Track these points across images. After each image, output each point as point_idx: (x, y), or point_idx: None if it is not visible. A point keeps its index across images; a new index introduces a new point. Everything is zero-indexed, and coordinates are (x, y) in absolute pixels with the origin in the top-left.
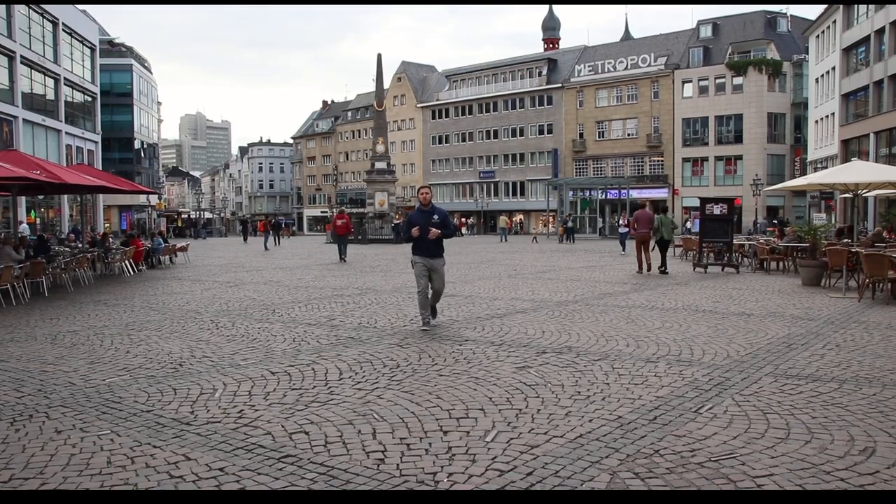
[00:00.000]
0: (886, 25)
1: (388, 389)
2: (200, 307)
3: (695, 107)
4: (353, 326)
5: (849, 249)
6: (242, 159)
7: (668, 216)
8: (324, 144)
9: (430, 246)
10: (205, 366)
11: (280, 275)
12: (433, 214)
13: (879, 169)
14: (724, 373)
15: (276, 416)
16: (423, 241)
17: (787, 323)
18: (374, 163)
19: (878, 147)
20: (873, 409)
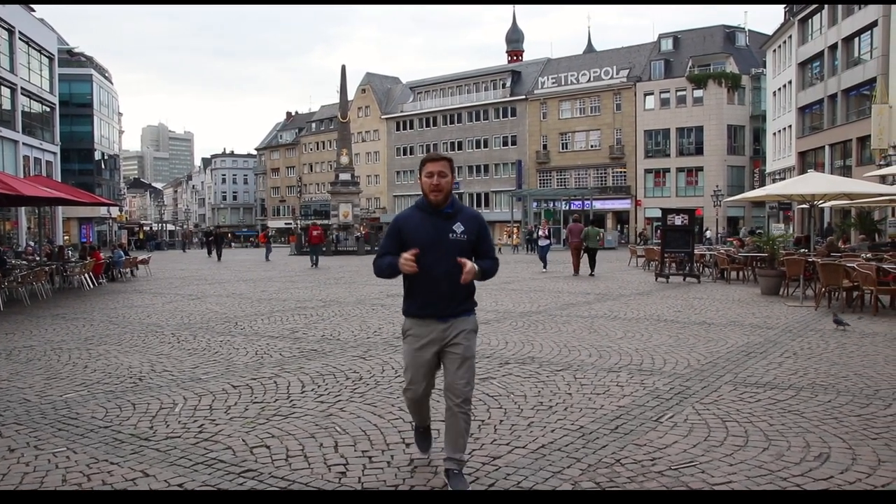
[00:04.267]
0: (839, 41)
1: (351, 402)
2: (161, 320)
3: (656, 119)
4: (316, 339)
5: (805, 259)
6: (205, 171)
7: (594, 228)
8: (288, 156)
9: (451, 294)
10: (165, 380)
11: (243, 287)
12: (455, 222)
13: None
14: (684, 382)
15: (237, 431)
16: (435, 286)
17: (746, 332)
18: (338, 174)
19: (833, 159)
20: (828, 416)
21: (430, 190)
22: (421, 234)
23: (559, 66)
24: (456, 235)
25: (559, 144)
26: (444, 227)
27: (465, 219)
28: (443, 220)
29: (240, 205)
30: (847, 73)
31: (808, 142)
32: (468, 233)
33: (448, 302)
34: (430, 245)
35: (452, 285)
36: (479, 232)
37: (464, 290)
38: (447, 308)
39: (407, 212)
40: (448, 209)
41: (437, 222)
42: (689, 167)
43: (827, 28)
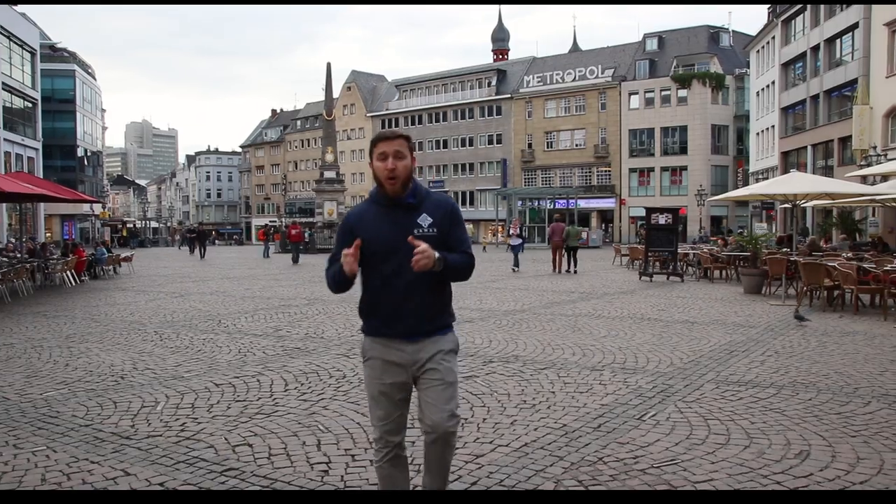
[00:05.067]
0: (821, 43)
1: (334, 400)
2: (144, 318)
3: (641, 118)
4: (299, 337)
5: (787, 258)
6: (189, 168)
7: (574, 227)
8: (272, 153)
9: (421, 307)
10: (147, 378)
11: (227, 285)
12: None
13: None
14: (667, 380)
15: (220, 429)
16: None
17: (728, 330)
18: (323, 172)
19: (815, 159)
20: (809, 414)
21: (384, 177)
22: (379, 233)
23: (544, 65)
24: (423, 230)
25: (544, 143)
26: (407, 222)
27: (432, 208)
28: (404, 214)
29: (224, 202)
30: (829, 74)
31: (790, 142)
32: (438, 225)
33: (418, 318)
34: (390, 246)
35: (423, 296)
36: (450, 220)
37: (437, 302)
38: (417, 325)
39: (360, 207)
40: (410, 198)
41: (398, 217)
42: (674, 166)
43: (809, 29)
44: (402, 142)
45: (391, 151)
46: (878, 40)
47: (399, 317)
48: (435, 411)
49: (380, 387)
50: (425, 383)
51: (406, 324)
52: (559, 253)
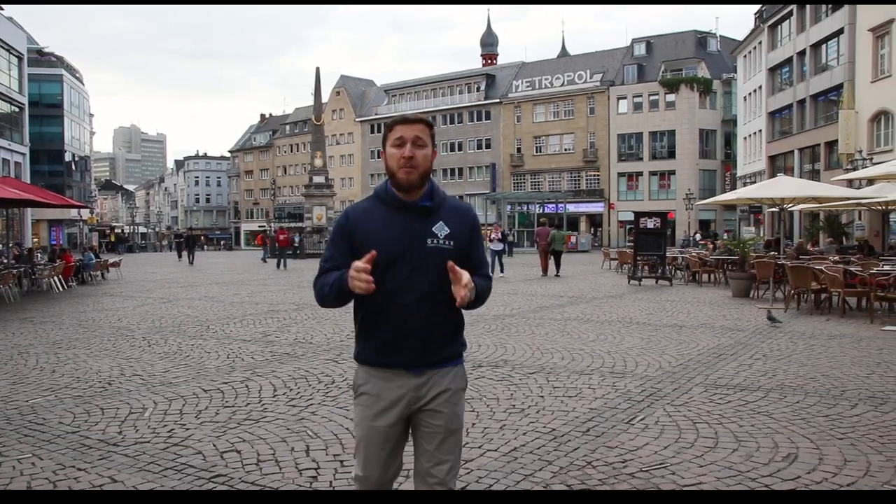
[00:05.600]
0: (807, 48)
1: (323, 406)
2: (132, 324)
3: (629, 123)
4: (288, 342)
5: (775, 262)
6: (178, 173)
7: (560, 231)
8: (261, 158)
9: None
10: (135, 384)
11: (215, 290)
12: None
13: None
14: (656, 384)
15: (208, 435)
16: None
17: (717, 334)
18: (312, 177)
19: (802, 163)
20: (796, 417)
21: (398, 166)
22: (385, 238)
23: (533, 70)
24: (437, 241)
25: (533, 148)
26: (421, 229)
27: (451, 215)
28: (418, 218)
29: (213, 207)
30: (815, 78)
31: (777, 146)
32: (455, 237)
33: (424, 344)
34: (397, 256)
35: (431, 318)
36: (470, 235)
37: (449, 325)
38: (423, 353)
39: (363, 205)
40: (425, 201)
41: (410, 221)
42: (662, 171)
43: (796, 34)
44: (424, 128)
45: (410, 137)
46: (863, 45)
47: (402, 343)
48: (431, 462)
49: (375, 430)
50: (425, 427)
51: (410, 352)
52: (544, 256)
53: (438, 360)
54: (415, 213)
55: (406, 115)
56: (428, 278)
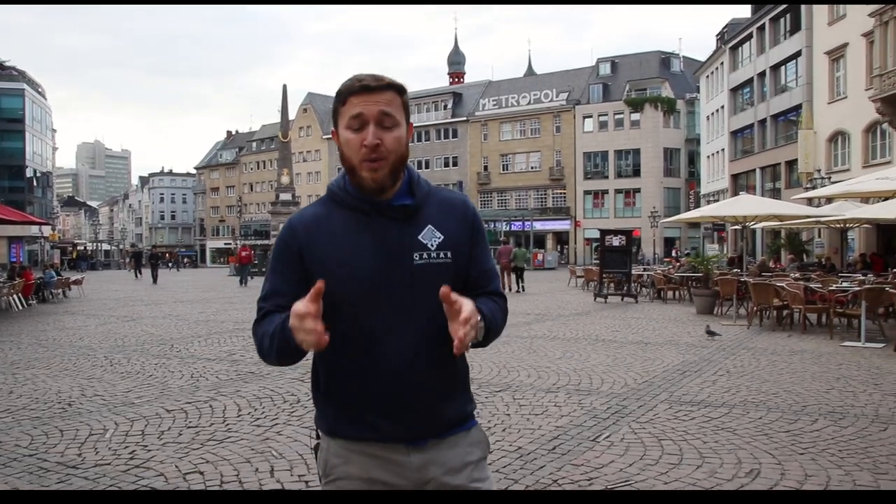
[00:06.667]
0: (767, 69)
1: (288, 425)
2: (94, 343)
3: (595, 141)
4: (253, 361)
5: (738, 279)
6: (143, 189)
7: (521, 249)
8: (227, 175)
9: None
10: (96, 405)
11: (180, 308)
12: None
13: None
14: (621, 401)
15: (171, 456)
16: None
17: (681, 350)
18: (278, 194)
19: (764, 182)
20: (759, 433)
21: (359, 159)
22: (349, 259)
23: (500, 89)
24: (428, 255)
25: (500, 165)
26: (401, 240)
27: (441, 213)
28: (395, 224)
29: (178, 224)
30: (775, 99)
31: (740, 165)
32: (453, 244)
33: (420, 406)
34: (369, 284)
35: (428, 367)
36: (470, 234)
37: (451, 375)
38: (423, 418)
39: (313, 210)
40: (403, 199)
41: (383, 229)
42: (627, 188)
43: (756, 56)
44: (393, 96)
45: (373, 114)
46: (820, 68)
47: (390, 408)
48: None
49: None
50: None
51: (405, 417)
52: (507, 274)
53: (444, 426)
54: (390, 216)
55: (363, 80)
56: (418, 311)
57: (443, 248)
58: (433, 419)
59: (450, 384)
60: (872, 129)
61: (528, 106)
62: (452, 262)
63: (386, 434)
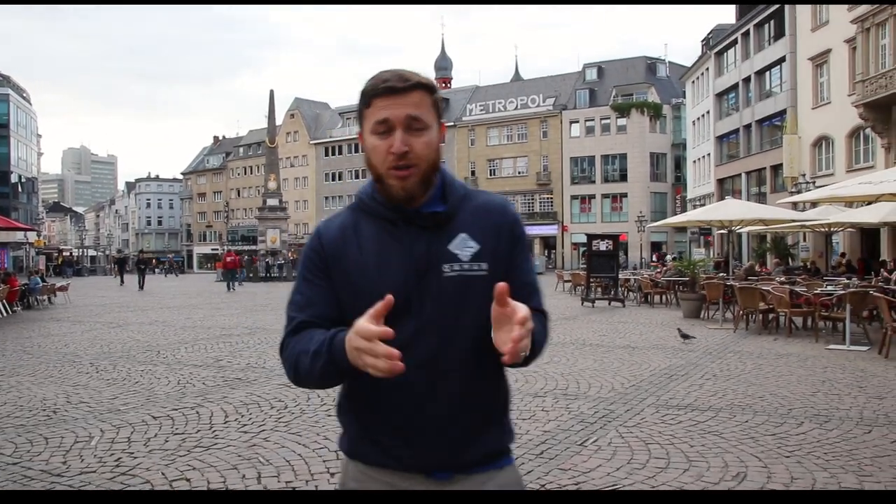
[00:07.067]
0: (752, 75)
1: (275, 431)
2: (79, 349)
3: (582, 146)
4: (240, 367)
5: (724, 283)
6: (129, 195)
7: None
8: (215, 180)
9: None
10: (81, 412)
11: (167, 314)
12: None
13: (750, 207)
14: (608, 405)
15: (157, 463)
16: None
17: (668, 354)
18: (266, 200)
19: (749, 186)
20: (745, 436)
21: (386, 166)
22: (374, 272)
23: (487, 94)
24: (460, 266)
25: (487, 171)
26: (430, 251)
27: (477, 219)
28: (424, 234)
29: (165, 230)
30: (760, 104)
31: (725, 169)
32: (488, 254)
33: (447, 435)
34: (403, 297)
35: (458, 392)
36: (510, 243)
37: (488, 400)
38: (447, 450)
39: (339, 220)
40: (435, 205)
41: (414, 239)
42: (614, 193)
43: (741, 62)
44: (423, 97)
45: (400, 118)
46: (804, 74)
47: (413, 435)
48: None
49: None
50: None
51: (426, 445)
52: None
53: (471, 460)
54: (419, 225)
55: (388, 80)
56: (447, 328)
57: (477, 259)
58: (458, 451)
59: (481, 412)
60: (856, 134)
61: (515, 111)
62: (489, 275)
63: (405, 462)
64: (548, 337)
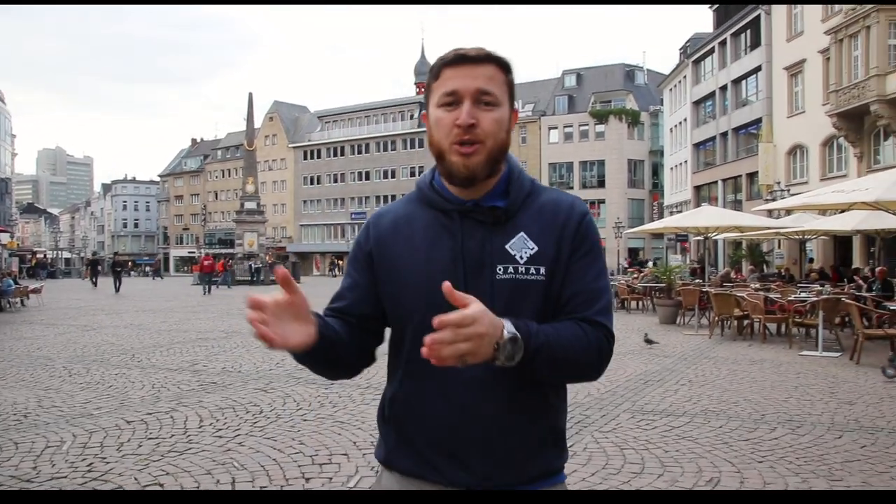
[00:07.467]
0: (729, 83)
1: (251, 436)
2: (52, 353)
3: (560, 152)
4: (216, 371)
5: (700, 289)
6: (105, 197)
7: None
8: (192, 183)
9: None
10: (53, 416)
11: (142, 318)
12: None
13: (726, 214)
14: (584, 411)
15: (130, 469)
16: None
17: (644, 360)
18: (243, 203)
19: (726, 193)
20: (719, 441)
21: (450, 141)
22: (421, 268)
23: None
24: (515, 269)
25: None
26: (484, 249)
27: (539, 219)
28: (480, 230)
29: (141, 232)
30: (736, 112)
31: (702, 176)
32: (548, 257)
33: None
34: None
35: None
36: (572, 244)
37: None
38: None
39: (397, 207)
40: (495, 199)
41: (469, 233)
42: (592, 199)
43: (718, 70)
44: (496, 72)
45: (469, 90)
46: (779, 83)
47: (454, 443)
48: None
49: None
50: None
51: (468, 459)
52: None
53: (524, 478)
54: (476, 219)
55: (462, 51)
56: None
57: (534, 263)
58: (505, 467)
59: (532, 428)
60: (829, 143)
61: None
62: (546, 281)
63: (445, 476)
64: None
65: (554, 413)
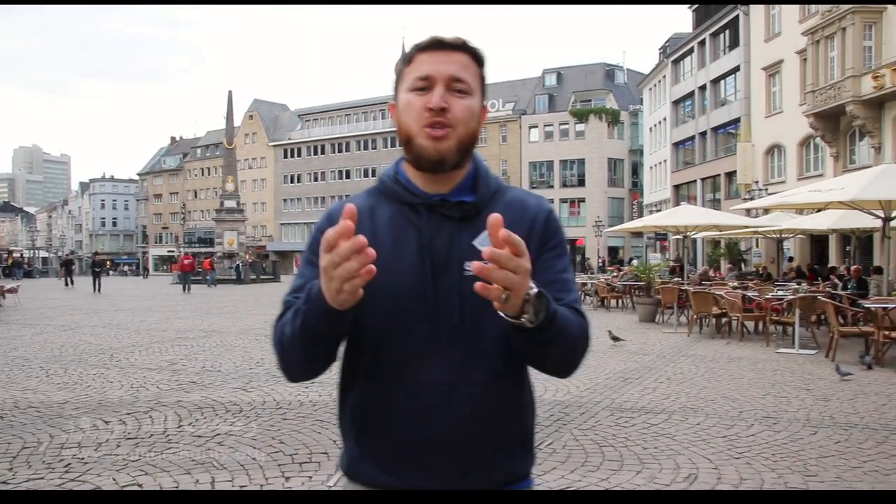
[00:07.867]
0: (708, 83)
1: (230, 436)
2: (29, 353)
3: (541, 151)
4: (195, 370)
5: (679, 287)
6: (83, 195)
7: None
8: (171, 181)
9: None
10: (30, 417)
11: (121, 317)
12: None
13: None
14: (563, 409)
15: (108, 469)
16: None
17: (623, 358)
18: (223, 201)
19: (704, 192)
20: (697, 438)
21: (421, 124)
22: (390, 260)
23: None
24: None
25: None
26: (449, 246)
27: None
28: (447, 225)
29: (120, 231)
30: (715, 112)
31: (681, 176)
32: None
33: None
34: (411, 293)
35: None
36: (541, 240)
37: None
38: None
39: (358, 200)
40: (463, 194)
41: (432, 231)
42: (572, 198)
43: (697, 70)
44: (469, 62)
45: (442, 75)
46: (757, 83)
47: (420, 450)
48: None
49: None
50: None
51: (435, 465)
52: None
53: (490, 480)
54: (444, 214)
55: (436, 37)
56: (465, 334)
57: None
58: (472, 473)
59: (500, 430)
60: (806, 143)
61: None
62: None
63: (411, 484)
64: (581, 336)
65: (520, 415)
